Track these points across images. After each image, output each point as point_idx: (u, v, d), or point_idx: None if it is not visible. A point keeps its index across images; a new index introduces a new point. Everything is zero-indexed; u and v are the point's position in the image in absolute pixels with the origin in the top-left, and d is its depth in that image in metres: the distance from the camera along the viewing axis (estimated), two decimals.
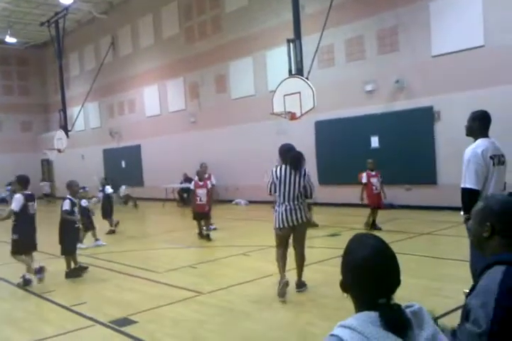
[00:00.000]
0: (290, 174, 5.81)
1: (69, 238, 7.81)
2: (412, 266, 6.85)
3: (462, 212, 4.41)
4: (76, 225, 7.91)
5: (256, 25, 17.21)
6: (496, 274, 1.69)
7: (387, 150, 13.46)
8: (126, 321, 5.26)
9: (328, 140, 15.12)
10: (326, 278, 6.64)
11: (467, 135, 4.59)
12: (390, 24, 13.51)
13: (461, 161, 4.47)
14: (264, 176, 6.55)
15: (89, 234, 10.59)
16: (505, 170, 4.48)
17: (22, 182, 7.46)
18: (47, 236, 8.71)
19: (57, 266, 8.84)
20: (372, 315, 1.44)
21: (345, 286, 1.56)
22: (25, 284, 7.14)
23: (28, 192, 7.34)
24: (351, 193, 13.39)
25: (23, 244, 7.25)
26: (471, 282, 2.05)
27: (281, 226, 5.87)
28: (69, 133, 22.09)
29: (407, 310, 1.48)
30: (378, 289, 1.48)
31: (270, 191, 5.95)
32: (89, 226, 10.38)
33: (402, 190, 11.43)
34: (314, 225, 10.36)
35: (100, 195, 12.26)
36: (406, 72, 13.16)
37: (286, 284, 5.71)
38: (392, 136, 13.42)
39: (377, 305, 1.45)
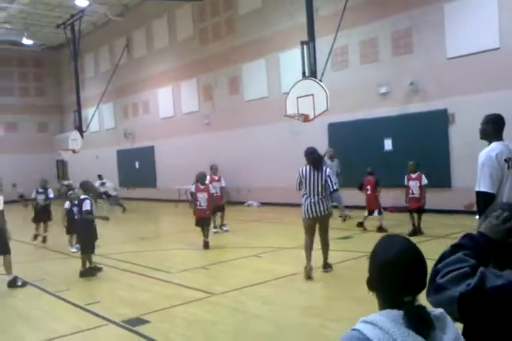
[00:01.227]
0: (313, 173, 7.00)
1: (89, 237, 7.97)
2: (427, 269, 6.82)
3: (477, 216, 4.38)
4: (94, 223, 8.07)
5: (269, 27, 17.24)
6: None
7: (400, 153, 13.37)
8: (139, 321, 5.30)
9: (341, 142, 15.07)
10: (337, 281, 6.63)
11: (481, 138, 4.54)
12: (404, 26, 13.45)
13: (475, 164, 4.44)
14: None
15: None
16: None
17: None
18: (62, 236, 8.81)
19: (71, 265, 8.94)
20: (395, 313, 1.46)
21: (371, 283, 1.58)
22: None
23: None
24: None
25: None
26: None
27: (308, 216, 6.98)
28: (84, 134, 22.30)
29: (432, 314, 1.49)
30: (404, 287, 1.50)
31: (299, 187, 7.15)
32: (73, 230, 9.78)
33: None
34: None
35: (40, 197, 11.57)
36: (420, 75, 13.09)
37: (311, 269, 6.72)
38: (406, 138, 13.34)
39: (402, 304, 1.47)
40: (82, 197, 8.09)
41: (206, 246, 9.60)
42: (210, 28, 19.98)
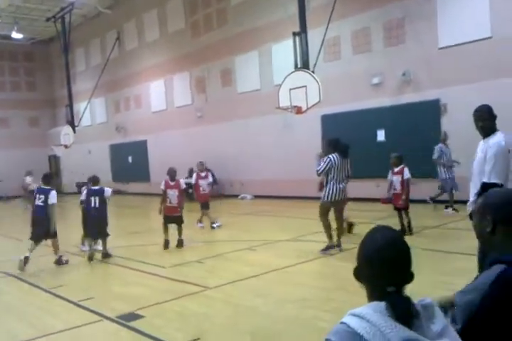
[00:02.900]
0: (342, 161, 7.76)
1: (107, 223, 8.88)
2: (422, 260, 6.82)
3: (471, 209, 4.37)
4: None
5: (262, 18, 17.13)
6: (491, 273, 1.67)
7: (393, 144, 13.37)
8: (133, 316, 5.29)
9: (334, 134, 14.97)
10: (333, 273, 6.64)
11: (487, 134, 4.40)
12: (396, 16, 13.40)
13: (468, 154, 4.43)
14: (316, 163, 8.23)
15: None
16: None
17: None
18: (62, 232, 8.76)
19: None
20: (382, 305, 1.47)
21: (357, 273, 1.61)
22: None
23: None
24: (358, 187, 13.34)
25: None
26: None
27: (330, 200, 7.72)
28: (76, 128, 22.17)
29: (419, 304, 1.51)
30: (387, 277, 1.51)
31: (321, 173, 7.80)
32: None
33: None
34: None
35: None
36: (413, 65, 13.06)
37: (340, 245, 7.75)
38: (399, 129, 13.35)
39: (386, 294, 1.49)
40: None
41: (180, 244, 9.20)
42: (202, 20, 19.83)
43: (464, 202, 4.74)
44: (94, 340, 4.74)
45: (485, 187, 4.23)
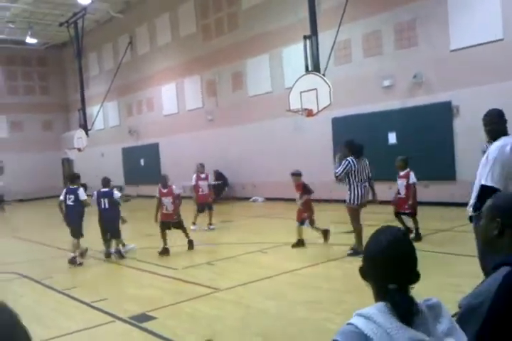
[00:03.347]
0: (361, 162, 7.81)
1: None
2: (430, 262, 6.82)
3: (470, 209, 4.37)
4: None
5: (272, 22, 17.19)
6: (498, 276, 1.67)
7: (404, 147, 13.33)
8: (145, 317, 5.34)
9: (345, 136, 14.91)
10: (344, 275, 6.64)
11: (494, 138, 4.38)
12: (407, 18, 13.38)
13: (480, 157, 4.40)
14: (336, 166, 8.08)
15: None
16: None
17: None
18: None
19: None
20: (386, 305, 1.50)
21: (363, 272, 1.64)
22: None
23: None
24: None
25: None
26: None
27: (358, 202, 7.69)
28: (89, 132, 22.38)
29: (424, 303, 1.53)
30: (391, 277, 1.54)
31: (339, 176, 7.79)
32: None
33: (419, 187, 11.30)
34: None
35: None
36: (424, 67, 13.03)
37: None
38: (410, 131, 13.30)
39: (388, 291, 1.51)
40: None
41: (191, 246, 9.21)
42: (213, 24, 19.94)
43: None
44: None
45: (483, 190, 4.23)
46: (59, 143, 30.56)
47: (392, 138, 13.97)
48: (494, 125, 4.39)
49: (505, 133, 4.39)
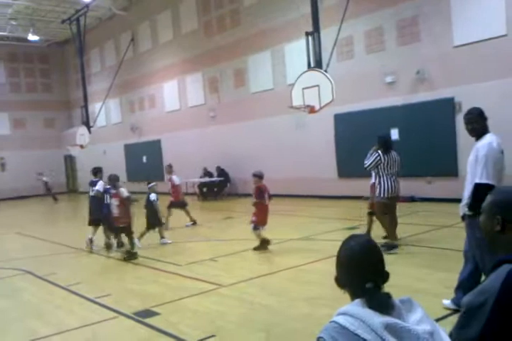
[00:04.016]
0: (388, 155, 7.78)
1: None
2: (433, 258, 6.83)
3: (466, 207, 4.43)
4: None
5: (274, 18, 17.16)
6: (500, 273, 1.64)
7: (407, 143, 13.32)
8: (149, 313, 5.37)
9: (347, 133, 15.04)
10: None
11: (478, 136, 4.49)
12: (410, 14, 13.34)
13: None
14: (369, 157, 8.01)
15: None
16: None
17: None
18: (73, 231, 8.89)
19: (81, 259, 9.05)
20: (361, 301, 1.64)
21: (338, 280, 1.81)
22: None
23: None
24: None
25: None
26: None
27: (388, 196, 7.67)
28: (91, 129, 22.38)
29: (397, 299, 1.68)
30: (363, 276, 1.68)
31: (368, 167, 7.89)
32: (156, 222, 9.92)
33: (422, 183, 11.35)
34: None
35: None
36: (427, 63, 13.00)
37: (397, 246, 7.46)
38: (413, 128, 13.29)
39: (365, 290, 1.65)
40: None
41: (131, 256, 8.48)
42: (215, 21, 19.92)
43: None
44: (110, 336, 4.82)
45: (478, 188, 4.27)
46: (61, 140, 30.60)
47: (394, 134, 13.94)
48: (475, 124, 4.49)
49: (486, 131, 4.49)
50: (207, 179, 19.34)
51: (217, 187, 19.41)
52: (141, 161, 24.98)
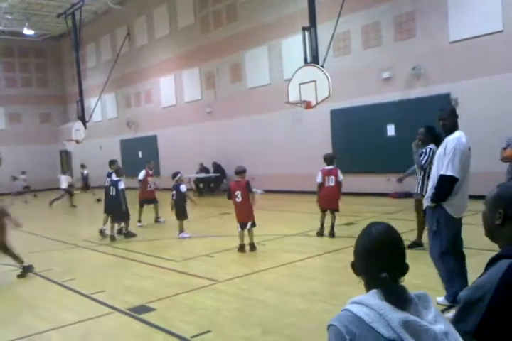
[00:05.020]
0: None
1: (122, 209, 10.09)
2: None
3: (429, 198, 4.52)
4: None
5: (271, 13, 17.10)
6: (498, 269, 1.66)
7: (403, 139, 13.32)
8: (144, 308, 5.36)
9: (343, 128, 15.04)
10: (342, 267, 6.65)
11: (448, 133, 4.59)
12: (406, 10, 13.32)
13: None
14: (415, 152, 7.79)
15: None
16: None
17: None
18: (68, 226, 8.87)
19: (76, 255, 9.04)
20: (378, 292, 1.57)
21: (355, 266, 1.72)
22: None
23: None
24: (367, 182, 13.37)
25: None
26: None
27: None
28: (87, 124, 22.32)
29: (414, 294, 1.59)
30: (381, 266, 1.61)
31: (425, 164, 7.32)
32: (183, 215, 9.95)
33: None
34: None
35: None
36: (423, 59, 12.99)
37: (422, 245, 7.23)
38: (409, 123, 13.24)
39: (381, 281, 1.58)
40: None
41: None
42: (212, 16, 19.83)
43: (477, 198, 4.73)
44: (105, 332, 4.81)
45: (443, 179, 4.38)
46: (57, 135, 30.51)
47: (390, 130, 13.97)
48: (445, 121, 4.62)
49: (456, 128, 4.62)
50: (203, 175, 19.31)
51: (213, 183, 19.39)
52: (137, 157, 24.91)
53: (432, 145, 7.26)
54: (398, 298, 1.54)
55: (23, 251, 9.54)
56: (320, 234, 8.86)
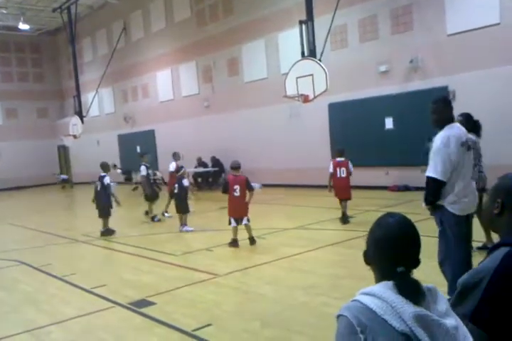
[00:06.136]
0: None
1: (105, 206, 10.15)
2: (429, 248, 6.86)
3: (423, 202, 4.34)
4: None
5: (268, 6, 17.03)
6: (497, 256, 1.70)
7: (401, 132, 13.37)
8: (144, 302, 5.39)
9: (341, 122, 15.04)
10: (341, 260, 6.69)
11: (440, 126, 4.28)
12: (403, 3, 13.28)
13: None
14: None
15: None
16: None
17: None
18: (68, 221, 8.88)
19: (76, 250, 9.06)
20: (390, 284, 1.53)
21: (367, 256, 1.67)
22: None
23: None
24: (366, 175, 13.39)
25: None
26: None
27: (479, 187, 6.77)
28: (84, 118, 22.23)
29: (423, 286, 1.57)
30: (396, 258, 1.57)
31: None
32: (185, 208, 10.06)
33: (417, 172, 11.33)
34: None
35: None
36: (420, 52, 12.97)
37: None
38: (407, 117, 13.30)
39: (395, 274, 1.54)
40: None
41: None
42: (208, 9, 19.73)
43: None
44: (106, 326, 4.84)
45: (427, 180, 4.23)
46: (54, 130, 30.40)
47: (388, 123, 13.98)
48: (441, 113, 4.30)
49: (451, 120, 4.32)
50: (201, 169, 19.31)
51: (211, 178, 19.40)
52: (135, 151, 24.85)
53: (471, 135, 6.05)
54: (412, 291, 1.52)
55: (22, 246, 9.58)
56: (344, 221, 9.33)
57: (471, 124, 6.21)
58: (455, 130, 4.25)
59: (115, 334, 4.61)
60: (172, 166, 12.36)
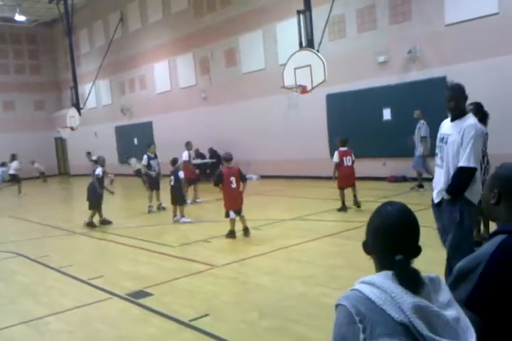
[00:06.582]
0: None
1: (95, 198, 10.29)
2: (428, 238, 6.87)
3: (449, 193, 4.11)
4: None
5: None
6: (494, 242, 1.71)
7: (399, 123, 13.32)
8: (142, 293, 5.39)
9: (339, 113, 14.99)
10: (339, 251, 6.70)
11: (461, 116, 4.13)
12: None
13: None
14: None
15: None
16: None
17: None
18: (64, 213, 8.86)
19: (73, 241, 9.06)
20: (390, 274, 1.51)
21: (367, 245, 1.65)
22: None
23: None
24: (364, 166, 13.35)
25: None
26: None
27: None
28: (81, 110, 22.14)
29: (424, 275, 1.54)
30: (395, 246, 1.55)
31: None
32: (183, 200, 10.27)
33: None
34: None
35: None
36: (419, 42, 12.90)
37: None
38: (405, 107, 13.24)
39: (394, 263, 1.52)
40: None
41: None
42: (205, 0, 19.58)
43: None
44: (104, 317, 4.84)
45: (464, 171, 4.03)
46: (51, 123, 30.30)
47: (386, 114, 13.94)
48: (458, 101, 4.19)
49: (465, 111, 4.24)
50: (199, 161, 19.26)
51: (209, 169, 19.36)
52: (133, 143, 24.81)
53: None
54: (411, 281, 1.49)
55: (19, 238, 9.57)
56: (343, 209, 9.54)
57: (481, 114, 6.05)
58: (476, 120, 4.15)
59: (113, 325, 4.61)
60: (185, 155, 12.82)
